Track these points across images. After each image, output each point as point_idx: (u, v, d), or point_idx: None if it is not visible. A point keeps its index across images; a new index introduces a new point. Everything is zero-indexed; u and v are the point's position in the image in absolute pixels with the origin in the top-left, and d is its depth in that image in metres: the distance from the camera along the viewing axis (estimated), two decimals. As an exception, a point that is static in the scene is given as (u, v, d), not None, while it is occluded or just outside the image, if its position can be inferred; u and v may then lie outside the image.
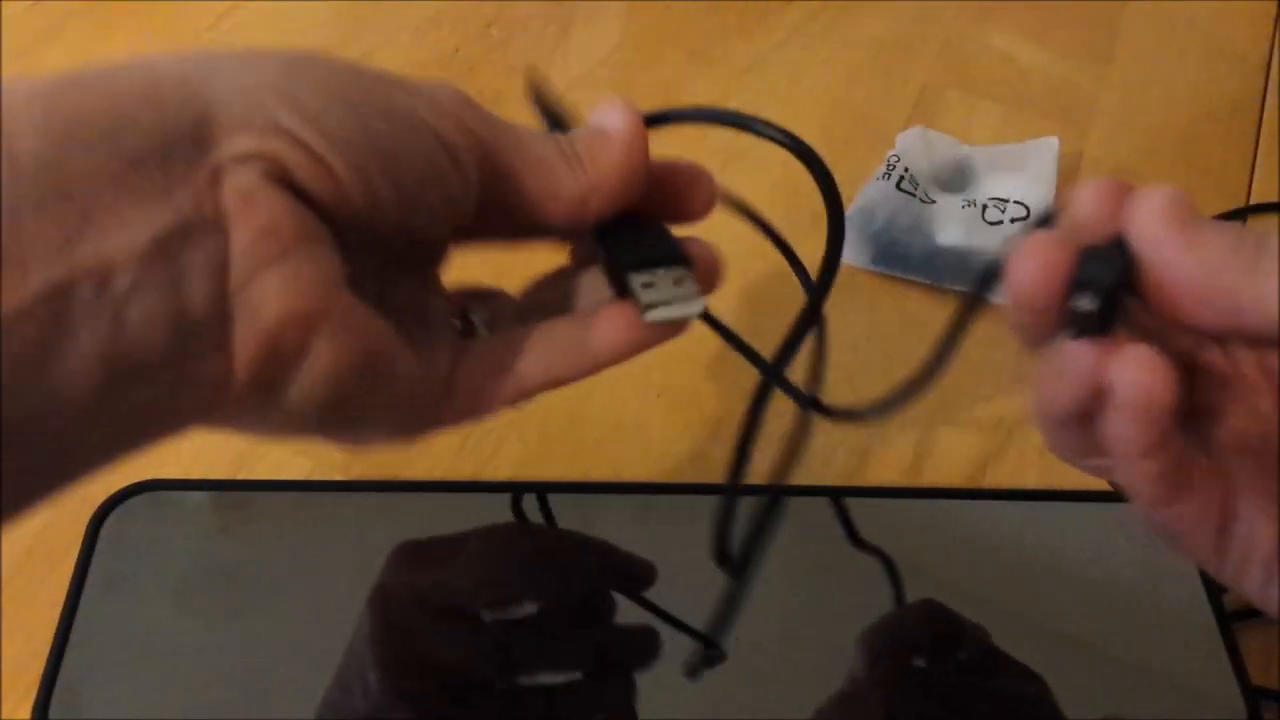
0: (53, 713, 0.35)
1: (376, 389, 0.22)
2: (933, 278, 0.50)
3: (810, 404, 0.31)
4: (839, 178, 0.26)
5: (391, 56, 0.59)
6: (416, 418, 0.25)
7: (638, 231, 0.25)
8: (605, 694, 0.36)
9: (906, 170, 0.52)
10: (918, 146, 0.53)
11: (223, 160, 0.19)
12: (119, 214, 0.18)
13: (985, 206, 0.51)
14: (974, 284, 0.25)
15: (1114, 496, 0.43)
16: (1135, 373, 0.21)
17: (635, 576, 0.37)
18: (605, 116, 0.25)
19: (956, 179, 0.54)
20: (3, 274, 0.17)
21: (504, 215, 0.25)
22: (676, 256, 0.25)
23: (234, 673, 0.37)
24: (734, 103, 0.58)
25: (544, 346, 0.25)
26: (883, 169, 0.52)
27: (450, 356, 0.25)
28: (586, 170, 0.24)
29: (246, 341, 0.20)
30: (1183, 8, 0.64)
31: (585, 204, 0.24)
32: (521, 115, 0.63)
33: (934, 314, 0.49)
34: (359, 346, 0.21)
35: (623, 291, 0.25)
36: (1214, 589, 0.39)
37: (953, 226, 0.51)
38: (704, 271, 0.26)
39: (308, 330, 0.20)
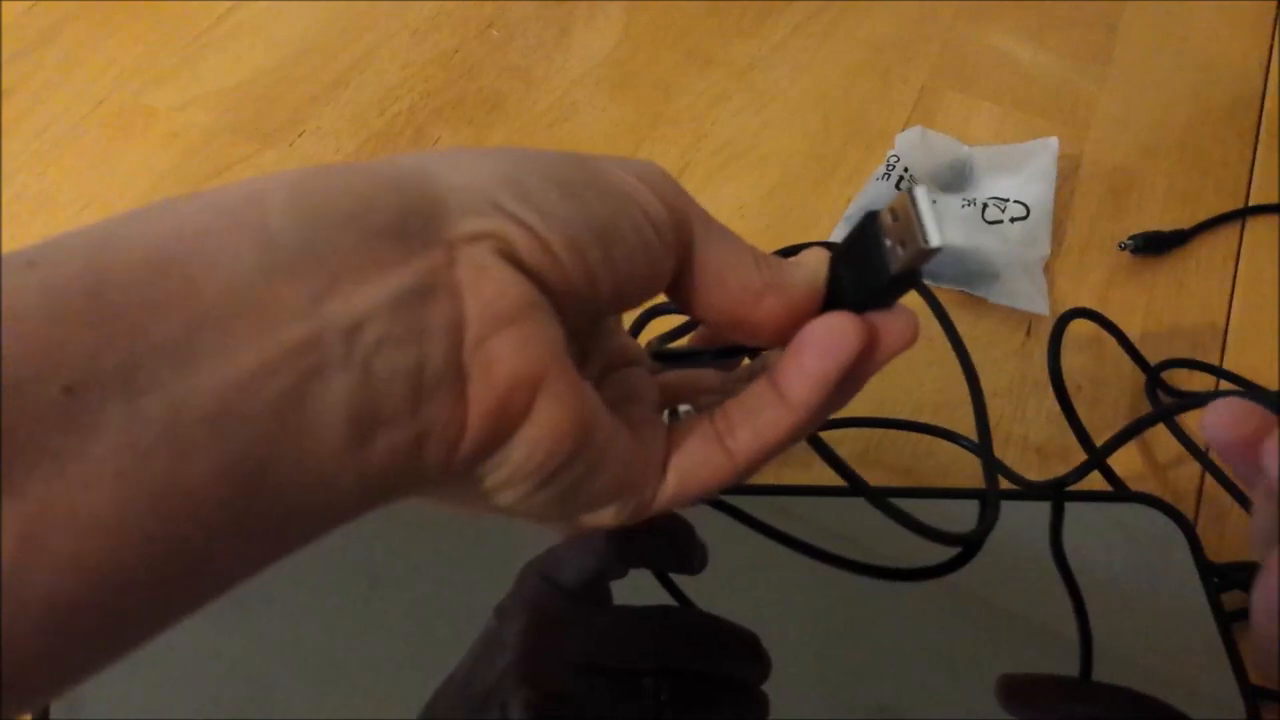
0: (53, 713, 0.35)
1: (593, 465, 0.23)
2: (932, 278, 0.50)
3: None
4: (839, 177, 0.27)
5: (391, 57, 0.59)
6: (633, 501, 0.25)
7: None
8: None
9: (906, 170, 0.52)
10: (917, 146, 0.53)
11: (456, 238, 0.21)
12: (363, 277, 0.20)
13: (985, 205, 0.51)
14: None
15: (1113, 496, 0.43)
16: None
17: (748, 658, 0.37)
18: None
19: (956, 179, 0.54)
20: (254, 332, 0.18)
21: (681, 292, 0.26)
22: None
23: (235, 672, 0.37)
24: (734, 103, 0.58)
25: (745, 415, 0.26)
26: (882, 169, 0.52)
27: (664, 440, 0.26)
28: (773, 270, 0.25)
29: (481, 398, 0.21)
30: (1183, 8, 0.64)
31: (760, 300, 0.25)
32: (521, 116, 0.62)
33: (933, 314, 0.49)
34: (575, 413, 0.22)
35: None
36: (1213, 588, 0.39)
37: (952, 226, 0.51)
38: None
39: (534, 391, 0.22)
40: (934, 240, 0.22)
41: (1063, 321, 0.44)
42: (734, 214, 0.52)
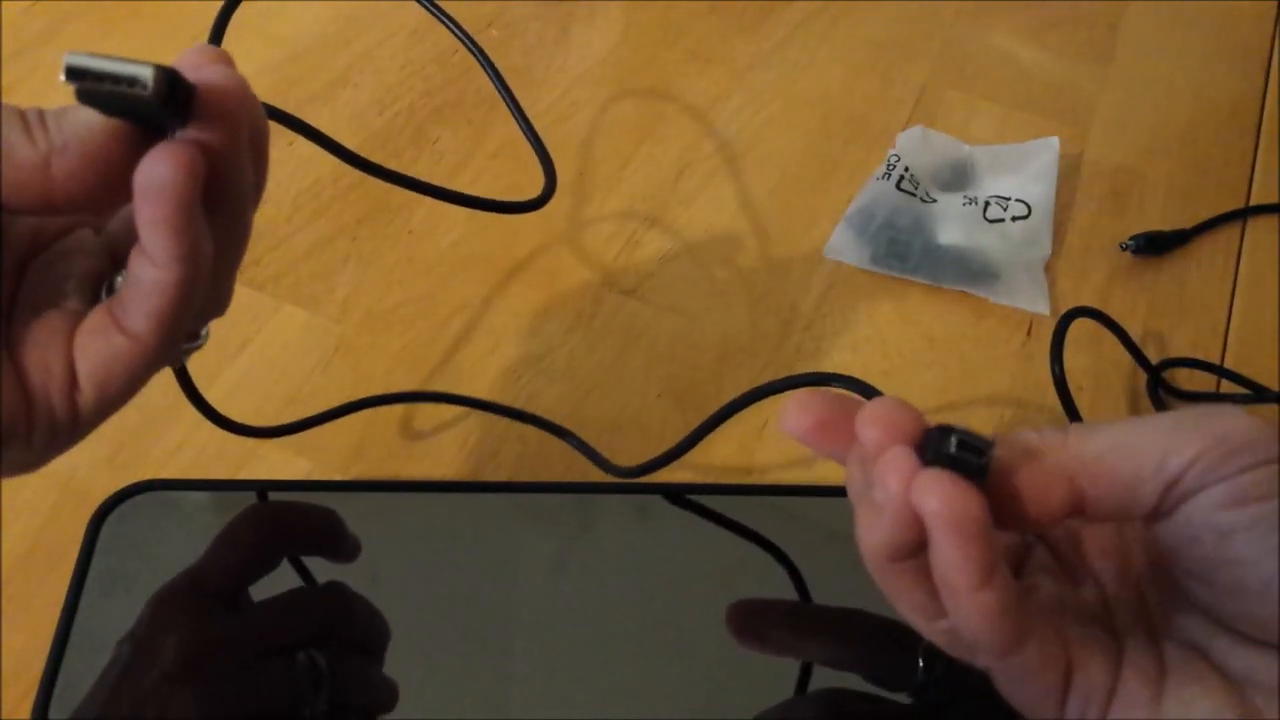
0: (53, 713, 0.35)
1: None
2: (933, 277, 0.50)
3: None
4: (839, 177, 0.26)
5: (391, 56, 0.59)
6: (40, 426, 0.23)
7: None
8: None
9: (907, 170, 0.52)
10: (918, 146, 0.53)
11: None
12: None
13: (987, 204, 0.51)
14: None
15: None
16: (938, 492, 0.21)
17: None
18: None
19: (957, 179, 0.54)
20: None
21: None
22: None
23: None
24: (734, 102, 0.58)
25: (131, 289, 0.23)
26: (883, 169, 0.52)
27: (65, 345, 0.24)
28: (49, 131, 0.22)
29: None
30: (1184, 7, 0.64)
31: (49, 170, 0.22)
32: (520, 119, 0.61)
33: (934, 314, 0.49)
34: None
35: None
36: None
37: (953, 225, 0.51)
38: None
39: None
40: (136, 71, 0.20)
41: (1064, 321, 0.44)
42: (734, 214, 0.52)
